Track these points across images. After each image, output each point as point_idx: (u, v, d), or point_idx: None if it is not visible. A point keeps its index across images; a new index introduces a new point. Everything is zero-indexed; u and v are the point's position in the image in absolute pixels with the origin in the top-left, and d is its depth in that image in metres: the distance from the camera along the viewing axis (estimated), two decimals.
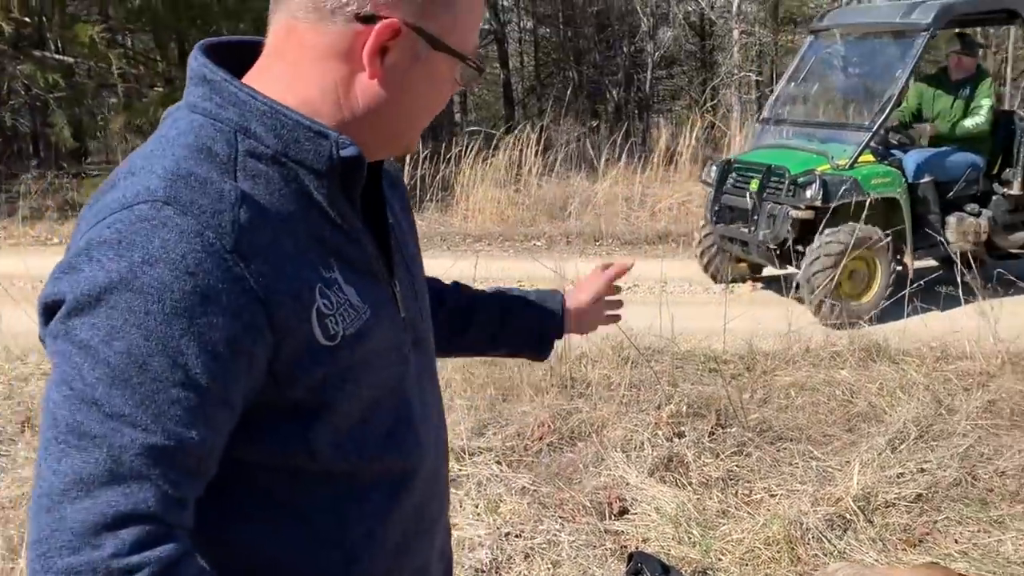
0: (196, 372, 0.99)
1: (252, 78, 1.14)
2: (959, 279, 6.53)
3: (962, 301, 6.33)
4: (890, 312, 6.80)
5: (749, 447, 4.42)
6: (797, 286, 6.90)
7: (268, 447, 1.10)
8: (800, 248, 6.94)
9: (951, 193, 7.46)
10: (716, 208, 7.69)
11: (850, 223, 6.78)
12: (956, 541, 3.69)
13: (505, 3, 24.03)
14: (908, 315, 6.57)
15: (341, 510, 1.17)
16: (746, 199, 7.33)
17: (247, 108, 1.09)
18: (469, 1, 1.16)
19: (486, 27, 23.68)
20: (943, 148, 7.53)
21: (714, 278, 8.10)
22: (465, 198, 11.53)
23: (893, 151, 7.52)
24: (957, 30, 8.15)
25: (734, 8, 21.39)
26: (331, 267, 1.12)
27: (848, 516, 3.78)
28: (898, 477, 4.06)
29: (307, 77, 1.12)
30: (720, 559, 3.57)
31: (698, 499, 3.95)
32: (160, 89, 12.70)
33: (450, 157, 11.94)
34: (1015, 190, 7.62)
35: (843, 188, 6.82)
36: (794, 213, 6.92)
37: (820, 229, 6.75)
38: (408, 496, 1.23)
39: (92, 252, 0.99)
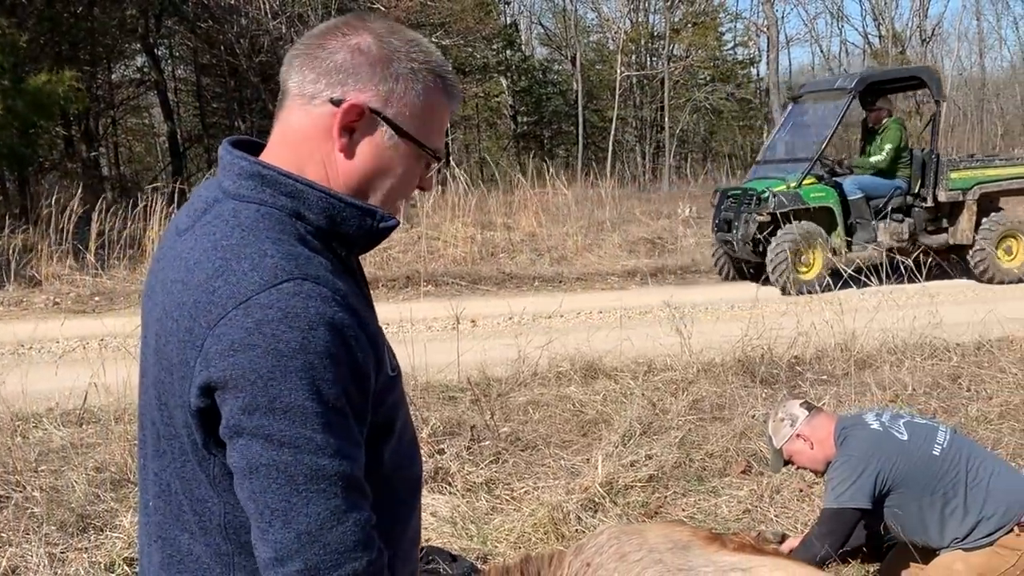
0: (360, 404, 1.30)
1: (272, 161, 1.39)
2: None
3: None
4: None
5: (504, 455, 5.32)
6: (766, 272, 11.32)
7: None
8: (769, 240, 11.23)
9: (880, 206, 11.69)
10: (717, 221, 12.31)
11: (795, 222, 11.10)
12: (683, 510, 4.77)
13: (159, 52, 23.93)
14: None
15: (392, 509, 1.46)
16: (732, 213, 11.75)
17: (303, 196, 1.34)
18: (428, 94, 1.41)
19: (145, 78, 23.50)
20: (876, 175, 11.78)
21: (726, 277, 12.50)
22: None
23: (835, 176, 11.88)
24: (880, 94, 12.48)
25: None
26: (372, 316, 1.40)
27: (597, 500, 4.75)
28: (632, 465, 5.11)
29: (306, 157, 1.38)
30: (497, 546, 4.37)
31: (467, 501, 4.76)
32: None
33: (136, 213, 12.06)
34: (928, 203, 11.84)
35: (789, 200, 11.24)
36: (758, 218, 11.34)
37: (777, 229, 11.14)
38: (418, 499, 1.57)
39: (264, 329, 1.21)
